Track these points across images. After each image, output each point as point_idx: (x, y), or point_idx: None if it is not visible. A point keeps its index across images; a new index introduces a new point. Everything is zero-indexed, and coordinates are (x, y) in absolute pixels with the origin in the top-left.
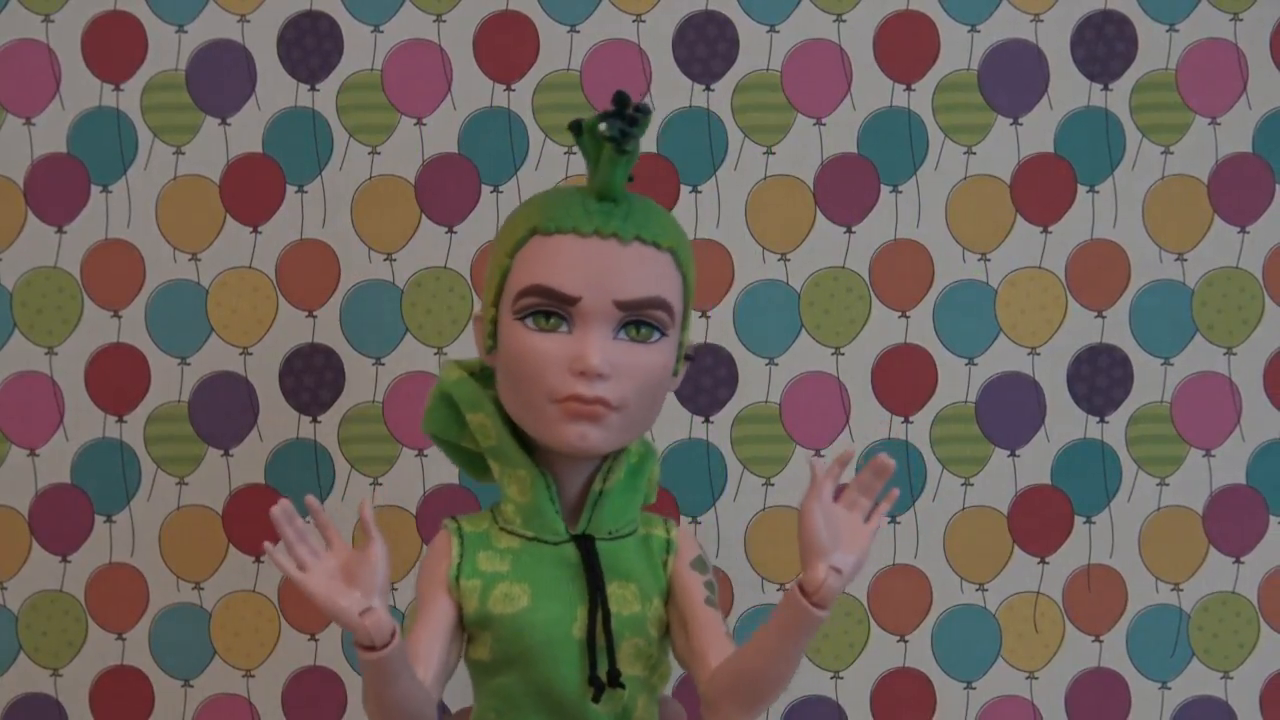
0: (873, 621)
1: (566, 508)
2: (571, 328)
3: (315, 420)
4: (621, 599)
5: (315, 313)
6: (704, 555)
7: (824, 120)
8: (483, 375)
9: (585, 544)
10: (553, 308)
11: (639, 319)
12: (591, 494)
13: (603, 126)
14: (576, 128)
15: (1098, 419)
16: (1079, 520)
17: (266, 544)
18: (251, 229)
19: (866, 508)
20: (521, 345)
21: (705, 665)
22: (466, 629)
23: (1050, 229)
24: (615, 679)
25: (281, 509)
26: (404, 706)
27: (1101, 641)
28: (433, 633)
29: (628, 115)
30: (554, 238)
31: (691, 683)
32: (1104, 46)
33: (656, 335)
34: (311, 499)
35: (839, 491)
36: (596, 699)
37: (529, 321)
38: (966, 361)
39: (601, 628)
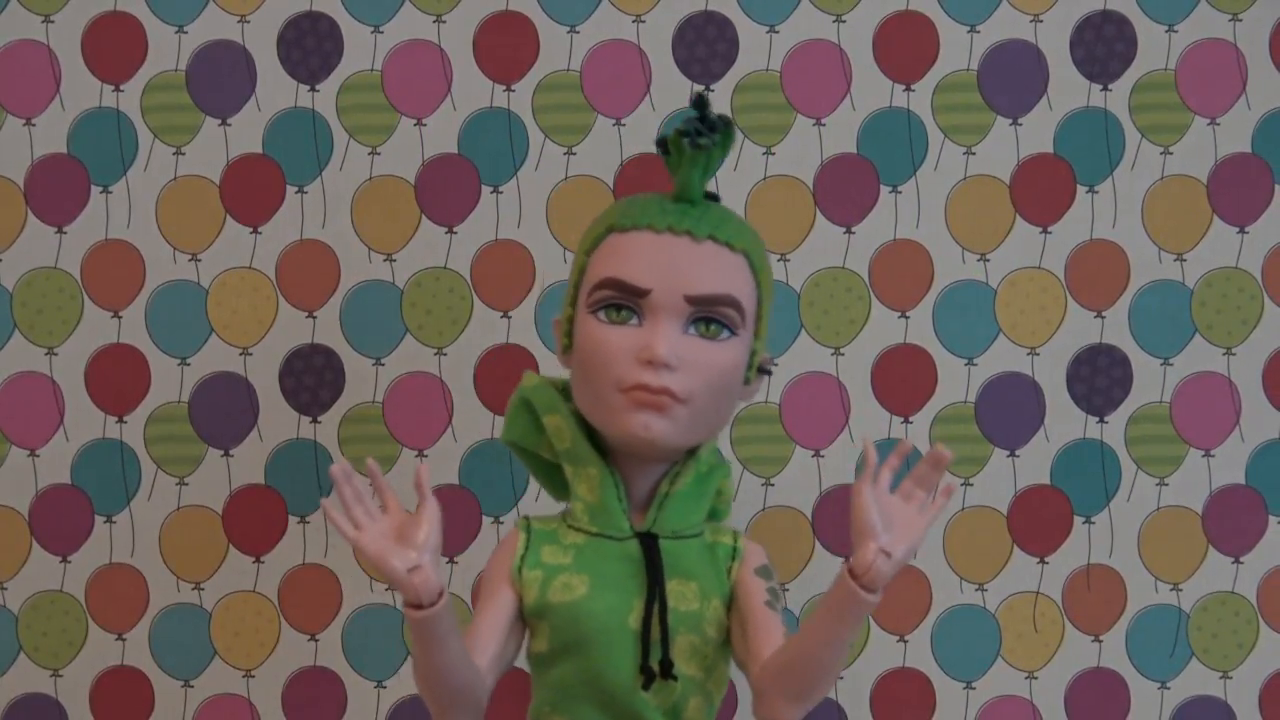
0: (872, 621)
1: (634, 507)
2: (642, 320)
3: (315, 420)
4: (680, 595)
5: (315, 313)
6: (770, 565)
7: (824, 120)
8: (563, 390)
9: (648, 541)
10: (624, 300)
11: (709, 315)
12: (659, 494)
13: (684, 125)
14: (663, 144)
15: (1097, 419)
16: (1078, 520)
17: (324, 500)
18: (251, 229)
19: (922, 499)
20: (593, 337)
21: (759, 660)
22: (526, 621)
23: (1050, 229)
24: (667, 670)
25: (341, 469)
26: (451, 675)
27: (1101, 641)
28: (492, 620)
29: (705, 115)
30: (629, 234)
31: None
32: (1103, 47)
33: (726, 333)
34: (371, 462)
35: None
36: (646, 686)
37: (601, 314)
38: (966, 362)
39: (657, 620)
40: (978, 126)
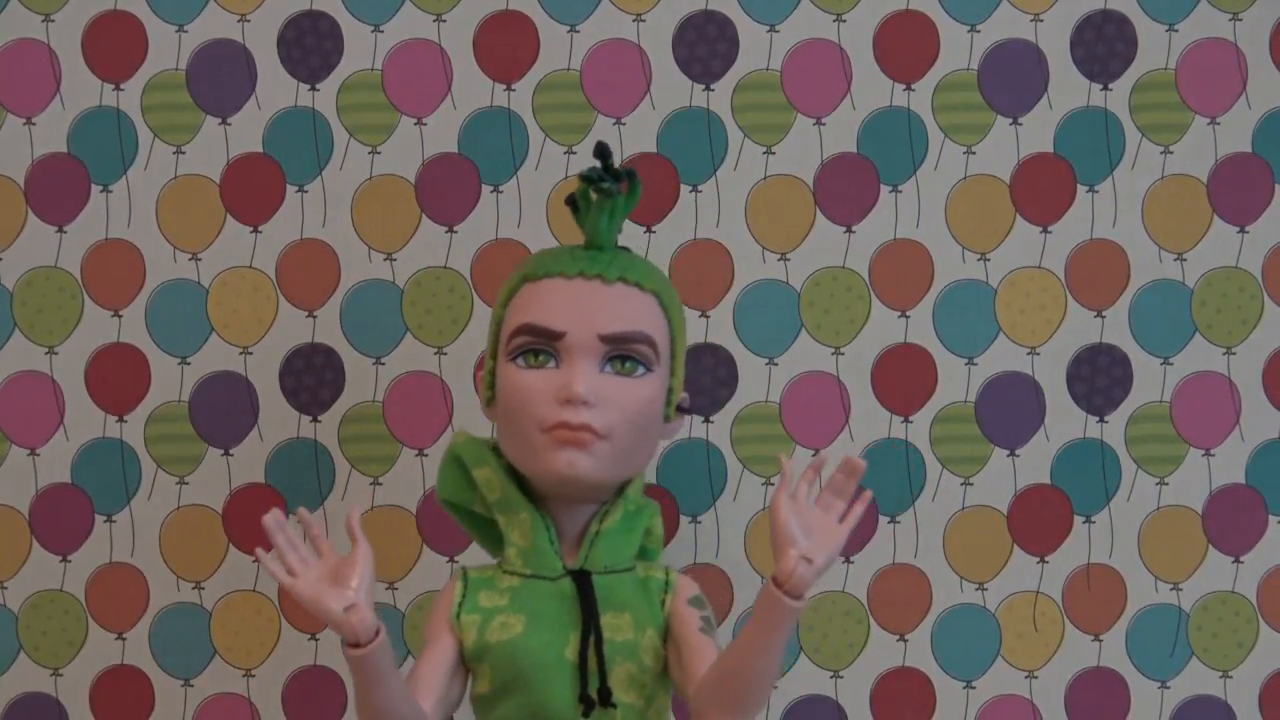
0: (872, 621)
1: (566, 548)
2: (559, 363)
3: (315, 420)
4: (615, 626)
5: (315, 313)
6: (703, 596)
7: (824, 120)
8: (494, 448)
9: (581, 577)
10: (540, 345)
11: (623, 353)
12: (589, 533)
13: (591, 172)
14: (572, 201)
15: (1097, 419)
16: (1078, 520)
17: (258, 550)
18: (252, 229)
19: (841, 509)
20: (513, 382)
21: (694, 680)
22: (468, 665)
23: (1050, 229)
24: (606, 698)
25: (273, 518)
26: (392, 712)
27: (1101, 641)
28: (433, 665)
29: (608, 164)
30: (542, 282)
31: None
32: (1103, 46)
33: (641, 370)
34: (303, 511)
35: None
36: (586, 715)
37: (520, 361)
38: (966, 361)
39: (594, 650)
40: (978, 126)
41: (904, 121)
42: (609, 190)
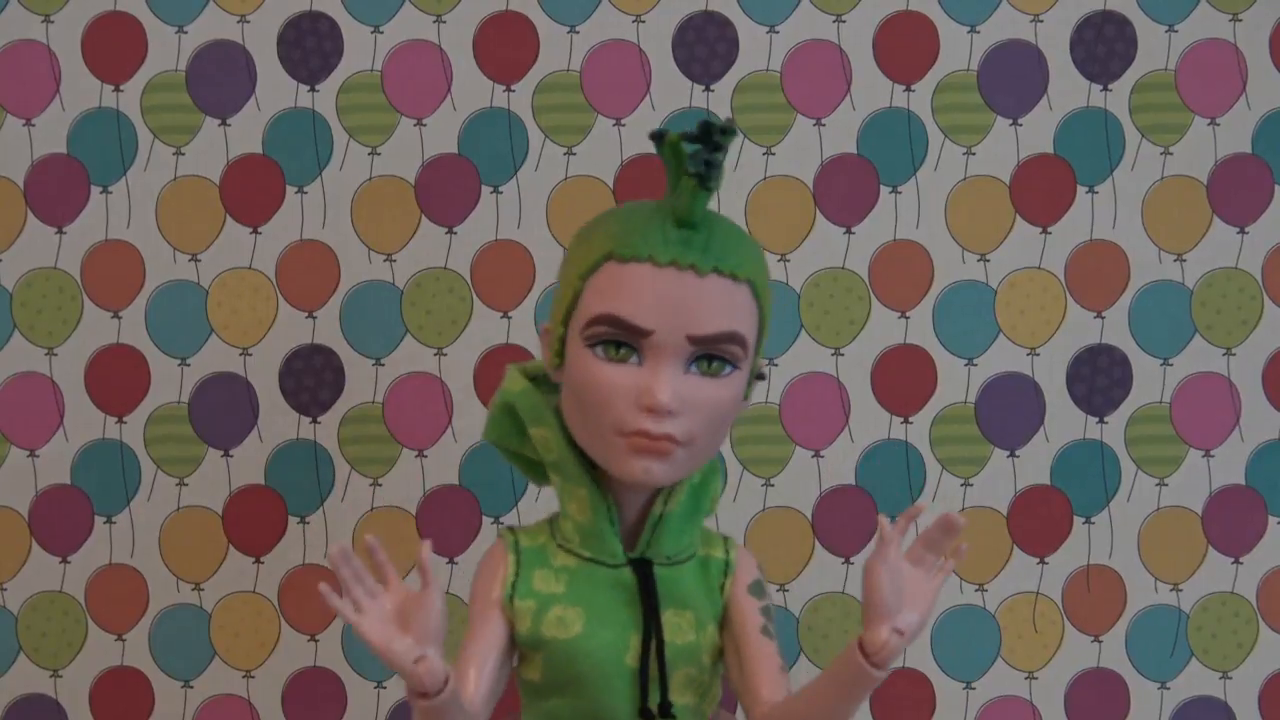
0: None
1: (625, 530)
2: (642, 359)
3: (315, 421)
4: (676, 627)
5: (315, 313)
6: (762, 579)
7: (824, 121)
8: (547, 381)
9: (643, 569)
10: (624, 338)
11: (712, 353)
12: (651, 517)
13: (690, 162)
14: (659, 138)
15: (1097, 419)
16: (1078, 520)
17: (323, 586)
18: (251, 229)
19: (931, 563)
20: (590, 374)
21: (758, 699)
22: (519, 647)
23: (1050, 229)
24: (666, 710)
25: (340, 550)
26: None
27: (1101, 642)
28: (483, 653)
29: (714, 143)
30: (629, 266)
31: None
32: (1103, 47)
33: (729, 369)
34: (370, 539)
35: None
36: None
37: (599, 350)
38: (966, 362)
39: (655, 657)
40: (978, 126)
41: (904, 122)
42: (713, 188)
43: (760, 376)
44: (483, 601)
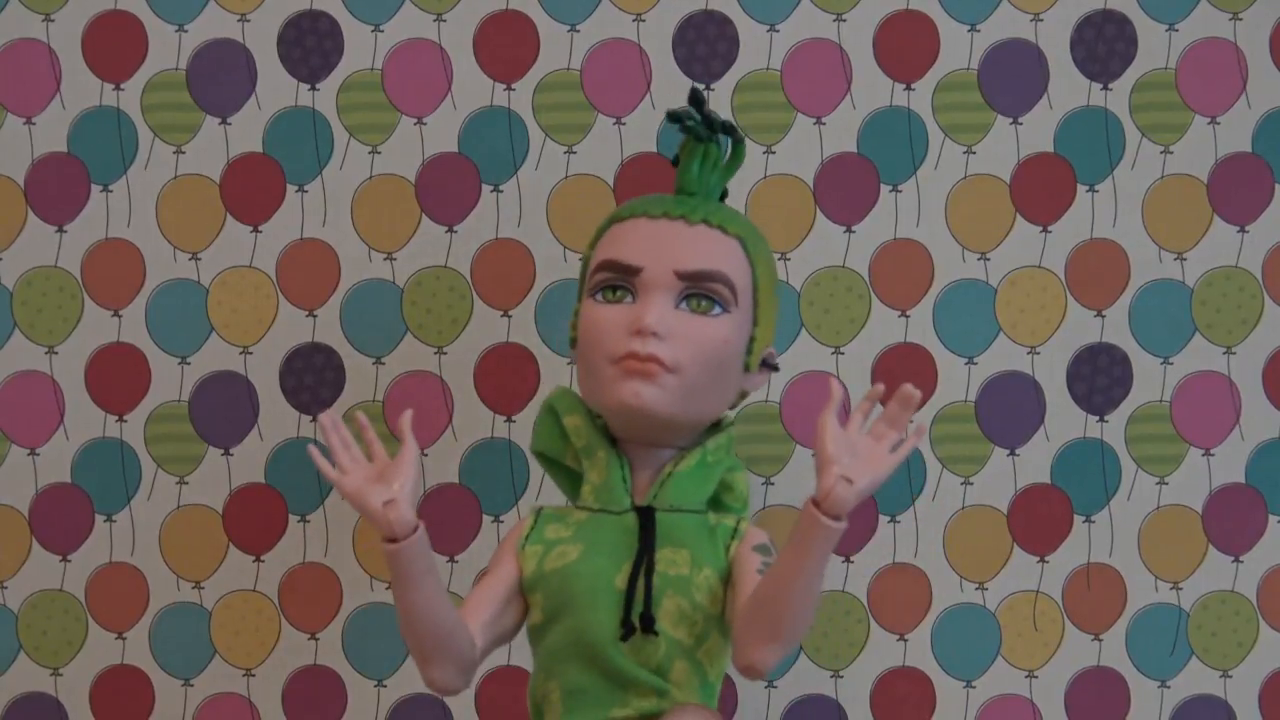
0: (873, 620)
1: (638, 488)
2: (636, 298)
3: (315, 420)
4: (670, 560)
5: (315, 312)
6: (771, 544)
7: (824, 120)
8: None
9: (645, 513)
10: (618, 280)
11: (699, 291)
12: (662, 474)
13: (672, 110)
14: (677, 159)
15: (1097, 418)
16: (1078, 519)
17: (310, 447)
18: (252, 228)
19: (894, 439)
20: (590, 316)
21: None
22: (526, 596)
23: (1050, 228)
24: (649, 624)
25: (329, 416)
26: (429, 616)
27: (1101, 640)
28: (490, 587)
29: (704, 112)
30: (626, 222)
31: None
32: (1104, 46)
33: (718, 309)
34: (360, 415)
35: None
36: (624, 639)
37: (599, 296)
38: (966, 361)
39: (643, 579)
40: (978, 125)
41: (904, 121)
42: (695, 131)
43: (774, 368)
44: (500, 552)
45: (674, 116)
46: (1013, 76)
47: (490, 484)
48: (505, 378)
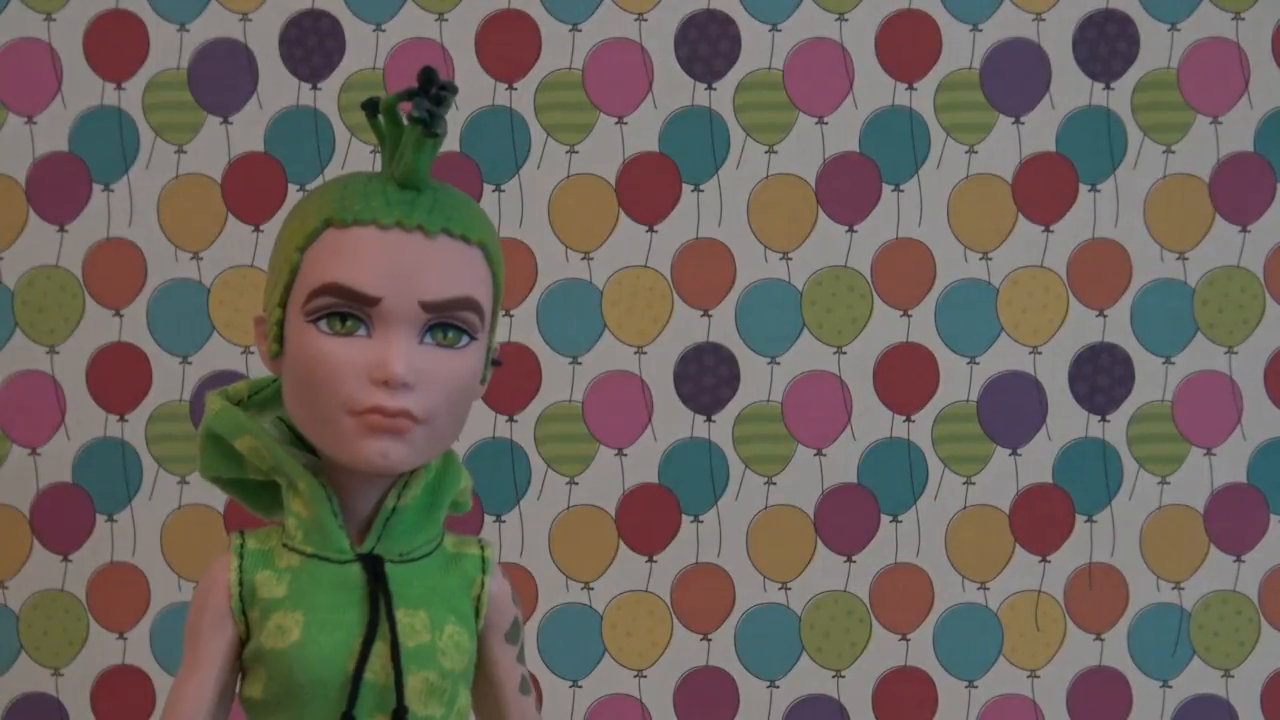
0: (874, 620)
1: (354, 526)
2: (371, 331)
3: None
4: (409, 628)
5: None
6: (518, 615)
7: (826, 119)
8: (251, 400)
9: (372, 564)
10: (350, 309)
11: (446, 321)
12: (384, 511)
13: (415, 108)
14: (372, 107)
15: (1099, 418)
16: (1080, 519)
17: None
18: (254, 228)
19: None
20: (314, 351)
21: None
22: (243, 663)
23: (1052, 228)
24: (401, 716)
25: None
26: None
27: (1103, 640)
28: (202, 686)
29: (434, 94)
30: (351, 230)
31: None
32: (1106, 45)
33: (465, 340)
34: None
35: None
36: None
37: (323, 324)
38: (968, 360)
39: (389, 660)
40: (980, 125)
41: (906, 121)
42: (441, 134)
43: (496, 362)
44: (202, 615)
45: (416, 119)
46: (1015, 76)
47: (492, 484)
48: (507, 376)
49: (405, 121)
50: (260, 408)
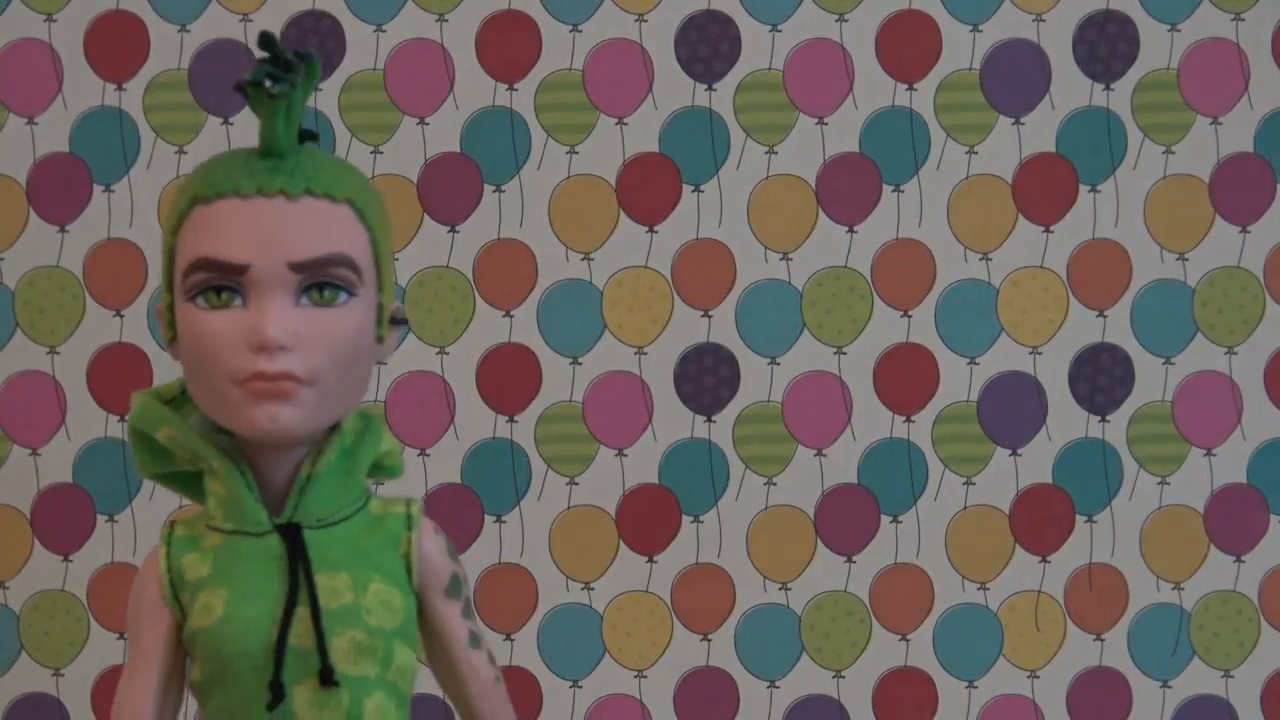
0: (874, 620)
1: (272, 498)
2: (246, 300)
3: None
4: (330, 590)
5: None
6: (458, 568)
7: (826, 120)
8: (184, 396)
9: (290, 533)
10: (222, 281)
11: (320, 280)
12: (299, 479)
13: (256, 71)
14: (242, 89)
15: (1099, 418)
16: (1080, 519)
17: None
18: None
19: None
20: (195, 327)
21: (476, 716)
22: (185, 649)
23: (1052, 228)
24: (329, 676)
25: None
26: None
27: (1103, 640)
28: (144, 681)
29: (278, 55)
30: (214, 204)
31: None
32: (1106, 46)
33: (344, 296)
34: None
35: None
36: (271, 706)
37: (200, 300)
38: (968, 361)
39: (310, 626)
40: (980, 126)
41: (906, 121)
42: (283, 92)
43: (401, 320)
44: (140, 609)
45: (254, 84)
46: (1015, 77)
47: (492, 484)
48: (507, 377)
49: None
50: (193, 405)
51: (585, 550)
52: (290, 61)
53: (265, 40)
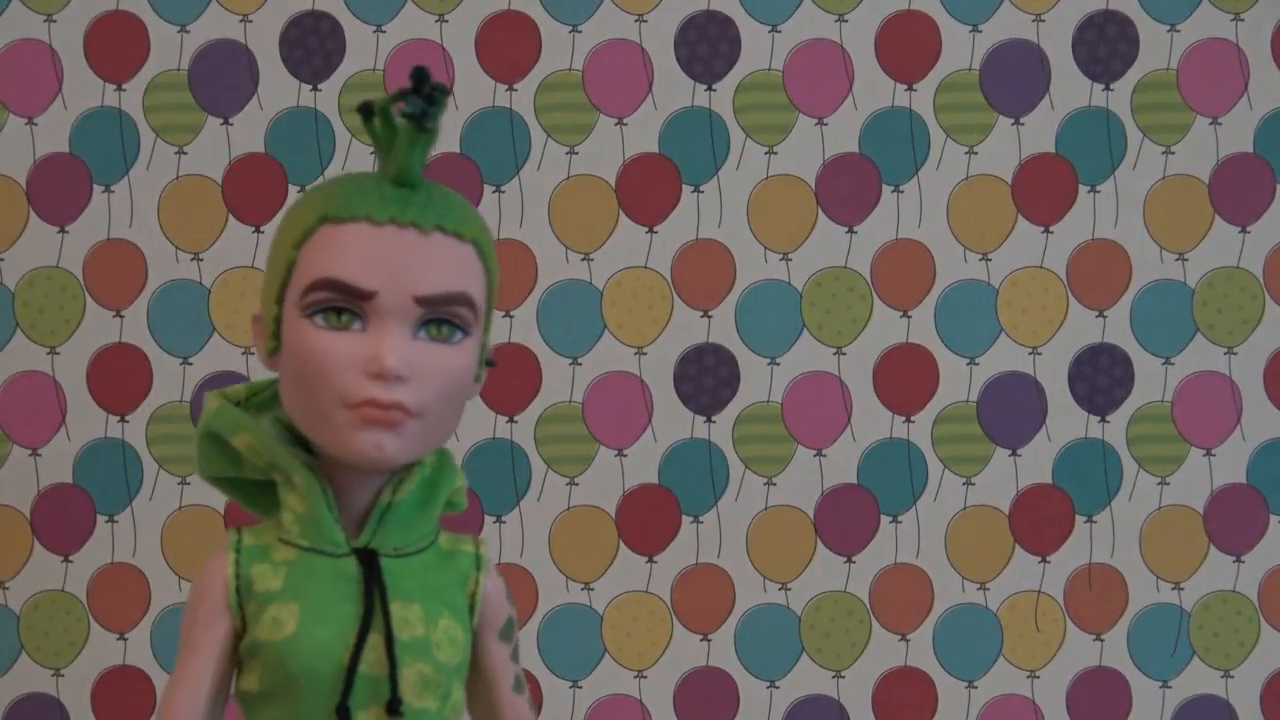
0: (874, 621)
1: (350, 520)
2: (366, 325)
3: None
4: (403, 621)
5: None
6: (513, 613)
7: (826, 120)
8: (249, 402)
9: (367, 558)
10: (345, 303)
11: (441, 316)
12: (379, 506)
13: (408, 104)
14: (366, 111)
15: (1099, 418)
16: (1080, 519)
17: None
18: (254, 229)
19: None
20: (309, 345)
21: None
22: (239, 657)
23: (1051, 229)
24: (396, 708)
25: None
26: None
27: (1102, 640)
28: (199, 678)
29: (426, 93)
30: (346, 226)
31: None
32: (1105, 46)
33: (459, 335)
34: None
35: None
36: None
37: (318, 319)
38: (968, 361)
39: (383, 653)
40: (980, 126)
41: (906, 122)
42: (433, 129)
43: (490, 363)
44: (197, 610)
45: (410, 115)
46: (1014, 77)
47: (493, 484)
48: (507, 377)
49: (398, 120)
50: (258, 410)
51: (585, 550)
52: (435, 95)
53: (419, 74)
